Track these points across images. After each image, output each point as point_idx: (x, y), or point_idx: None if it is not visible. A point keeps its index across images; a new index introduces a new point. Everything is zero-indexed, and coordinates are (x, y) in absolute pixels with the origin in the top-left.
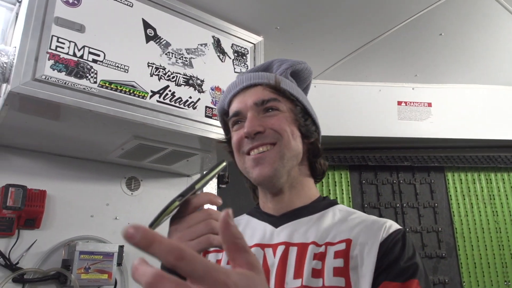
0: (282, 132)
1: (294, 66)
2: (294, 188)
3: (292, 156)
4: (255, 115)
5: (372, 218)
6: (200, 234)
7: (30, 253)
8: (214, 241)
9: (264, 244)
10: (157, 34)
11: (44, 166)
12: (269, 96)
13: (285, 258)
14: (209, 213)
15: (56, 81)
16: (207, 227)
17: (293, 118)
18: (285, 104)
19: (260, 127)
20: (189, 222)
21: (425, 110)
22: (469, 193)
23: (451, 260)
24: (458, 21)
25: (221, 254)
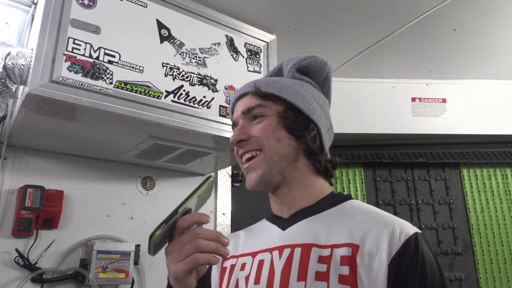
0: (264, 139)
1: (298, 63)
2: (297, 188)
3: (279, 159)
4: (245, 124)
5: (380, 219)
6: (188, 254)
7: (49, 253)
8: (199, 260)
9: (272, 247)
10: (171, 34)
11: (61, 166)
12: (254, 103)
13: (290, 260)
14: (197, 232)
15: (73, 83)
16: (193, 247)
17: (279, 121)
18: (271, 107)
19: (244, 135)
20: (179, 244)
21: (440, 106)
22: (485, 189)
23: (467, 256)
24: (473, 16)
25: (237, 260)
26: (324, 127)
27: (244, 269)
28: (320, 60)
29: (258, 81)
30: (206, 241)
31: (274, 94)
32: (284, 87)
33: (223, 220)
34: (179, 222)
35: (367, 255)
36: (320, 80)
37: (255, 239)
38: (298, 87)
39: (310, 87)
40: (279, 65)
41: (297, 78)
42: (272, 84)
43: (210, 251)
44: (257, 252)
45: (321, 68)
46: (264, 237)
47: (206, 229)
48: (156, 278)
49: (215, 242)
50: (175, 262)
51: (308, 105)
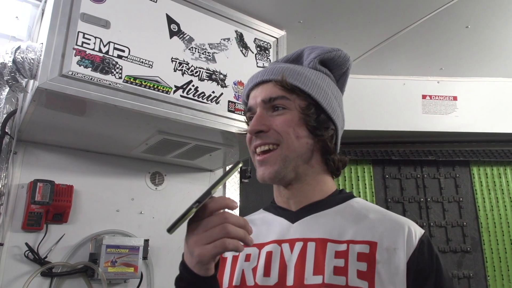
0: (284, 135)
1: (323, 55)
2: (308, 184)
3: (295, 156)
4: (263, 113)
5: (392, 218)
6: (216, 238)
7: (58, 247)
8: (229, 245)
9: (281, 240)
10: (181, 29)
11: (71, 161)
12: (277, 93)
13: (303, 253)
14: (225, 217)
15: (82, 77)
16: (223, 231)
17: (301, 117)
18: (295, 101)
19: (264, 126)
20: (205, 226)
21: (450, 104)
22: (495, 187)
23: (476, 254)
24: (485, 14)
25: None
26: (340, 126)
27: (250, 260)
28: (344, 55)
29: (283, 69)
30: (235, 227)
31: (300, 88)
32: (309, 80)
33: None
34: (210, 203)
35: (386, 251)
36: (338, 74)
37: (260, 231)
38: (321, 81)
39: (330, 82)
40: (300, 51)
41: (318, 70)
42: (297, 76)
43: (238, 237)
44: (264, 243)
45: (343, 63)
46: (271, 229)
47: (235, 214)
48: (164, 273)
49: (242, 229)
50: (202, 245)
51: (330, 103)
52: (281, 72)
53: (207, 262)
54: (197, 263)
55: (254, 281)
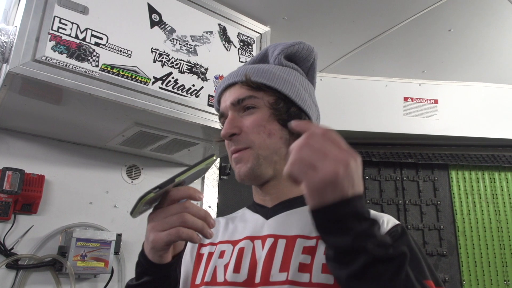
0: (254, 136)
1: (286, 50)
2: (285, 180)
3: (270, 153)
4: (234, 115)
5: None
6: (171, 226)
7: (26, 238)
8: (183, 234)
9: (253, 236)
10: (162, 20)
11: (43, 150)
12: (245, 94)
13: (272, 250)
14: (185, 206)
15: (56, 63)
16: (179, 220)
17: (271, 113)
18: (263, 98)
19: (236, 129)
20: (165, 213)
21: (431, 107)
22: (472, 191)
23: (451, 258)
24: (468, 17)
25: (215, 247)
26: (314, 116)
27: (223, 256)
28: (308, 47)
29: (247, 70)
30: (194, 217)
31: (266, 84)
32: (275, 76)
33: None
34: (172, 191)
35: None
36: (306, 67)
37: (236, 227)
38: (287, 75)
39: (298, 75)
40: (264, 51)
41: (284, 65)
42: (262, 73)
43: (195, 228)
44: (238, 240)
45: (308, 55)
46: (246, 226)
47: (196, 205)
48: None
49: (202, 220)
50: (157, 231)
51: (299, 95)
52: (245, 73)
53: (160, 248)
54: (151, 249)
55: (224, 277)
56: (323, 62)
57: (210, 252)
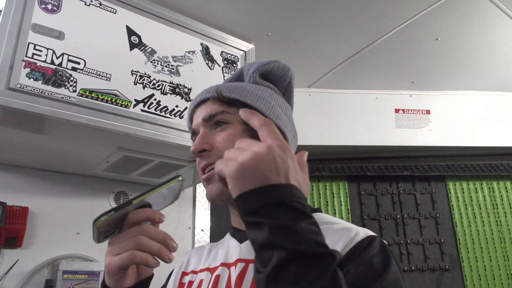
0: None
1: (261, 68)
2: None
3: None
4: (206, 132)
5: (342, 226)
6: (126, 249)
7: (12, 273)
8: (136, 258)
9: (228, 262)
10: (142, 41)
11: (26, 181)
12: (217, 109)
13: (242, 276)
14: (142, 229)
15: (32, 90)
16: (134, 243)
17: (244, 129)
18: (236, 114)
19: (206, 145)
20: (123, 237)
21: (424, 118)
22: (472, 202)
23: (454, 272)
24: (455, 25)
25: (196, 276)
26: (290, 134)
27: (202, 285)
28: (283, 66)
29: (219, 86)
30: (150, 240)
31: (238, 100)
32: (248, 92)
33: (202, 237)
34: (130, 214)
35: None
36: (282, 87)
37: (216, 254)
38: (262, 92)
39: (273, 94)
40: (240, 70)
41: (259, 84)
42: (234, 89)
43: (151, 251)
44: (215, 267)
45: (283, 74)
46: (224, 252)
47: (154, 228)
48: None
49: (159, 243)
50: (112, 255)
51: (273, 111)
52: (216, 88)
53: (114, 273)
54: (106, 273)
55: None
56: (310, 77)
57: (190, 281)
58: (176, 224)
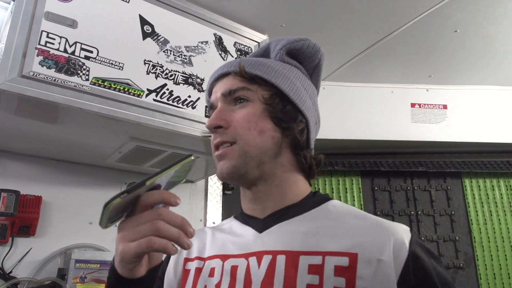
0: (243, 131)
1: (289, 45)
2: (277, 186)
3: (259, 153)
4: (224, 107)
5: (374, 222)
6: (143, 235)
7: (25, 261)
8: (155, 245)
9: (247, 253)
10: (155, 31)
11: (40, 171)
12: (238, 85)
13: (272, 269)
14: (159, 213)
15: (44, 78)
16: (151, 228)
17: (264, 109)
18: (257, 91)
19: (222, 121)
20: (136, 222)
21: (440, 113)
22: (488, 200)
23: (469, 270)
24: (475, 17)
25: (203, 263)
26: (312, 120)
27: (214, 275)
28: (313, 45)
29: (242, 60)
30: (168, 225)
31: (261, 77)
32: (272, 69)
33: None
34: (144, 196)
35: (369, 264)
36: (310, 67)
37: (225, 241)
38: (287, 71)
39: (300, 74)
40: (266, 45)
41: (285, 62)
42: (258, 66)
43: (170, 237)
44: (229, 256)
45: (313, 54)
46: (236, 240)
47: (171, 212)
48: None
49: (178, 229)
50: (126, 241)
51: (297, 93)
52: (239, 63)
53: (129, 261)
54: (119, 261)
55: None
56: (324, 69)
57: (198, 268)
58: (188, 216)
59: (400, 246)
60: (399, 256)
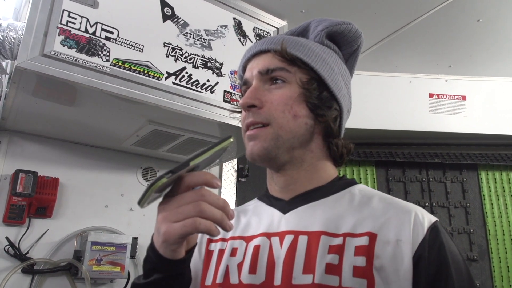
0: (277, 114)
1: (331, 28)
2: (305, 171)
3: (290, 137)
4: (259, 86)
5: (398, 205)
6: (187, 216)
7: (41, 243)
8: (200, 226)
9: (270, 232)
10: (175, 13)
11: (57, 153)
12: (276, 64)
13: (293, 248)
14: (202, 194)
15: (66, 58)
16: (195, 210)
17: (301, 93)
18: (296, 74)
19: (257, 101)
20: (178, 202)
21: (459, 104)
22: (504, 193)
23: (483, 263)
24: (498, 6)
25: (226, 244)
26: (346, 108)
27: (236, 255)
28: (356, 30)
29: (285, 39)
30: (212, 206)
31: (301, 59)
32: (313, 52)
33: None
34: (187, 177)
35: (387, 244)
36: (347, 53)
37: (249, 222)
38: (327, 55)
39: (337, 59)
40: (307, 24)
41: (324, 44)
42: (299, 46)
43: (214, 219)
44: (252, 236)
45: (353, 39)
46: (260, 220)
47: (213, 193)
48: None
49: (220, 210)
50: (170, 222)
51: (335, 80)
52: (281, 41)
53: (173, 242)
54: (162, 242)
55: (239, 278)
56: None
57: (221, 249)
58: None
59: (419, 225)
60: (417, 233)
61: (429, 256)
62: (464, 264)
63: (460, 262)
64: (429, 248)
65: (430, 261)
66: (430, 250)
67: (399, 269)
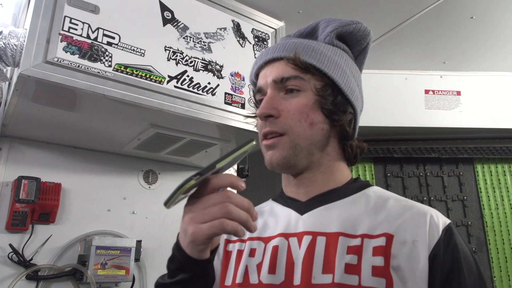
0: (294, 123)
1: (341, 29)
2: (322, 173)
3: (308, 144)
4: (274, 94)
5: (414, 207)
6: (214, 217)
7: (45, 248)
8: (227, 227)
9: (288, 233)
10: (175, 17)
11: (59, 158)
12: (290, 73)
13: (312, 249)
14: (228, 196)
15: (69, 64)
16: (222, 211)
17: (316, 100)
18: (310, 81)
19: (274, 110)
20: (205, 203)
21: (454, 99)
22: (500, 185)
23: (481, 255)
24: (491, 3)
25: (244, 244)
26: (359, 110)
27: (255, 255)
28: (364, 28)
29: (298, 46)
30: (237, 208)
31: (315, 66)
32: (326, 58)
33: None
34: (213, 179)
35: (404, 245)
36: (357, 50)
37: (266, 223)
38: (339, 59)
39: (348, 59)
40: (315, 24)
41: (334, 45)
42: (312, 53)
43: (240, 220)
44: (270, 237)
45: (363, 37)
46: (278, 221)
47: (238, 195)
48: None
49: (246, 212)
50: (197, 223)
51: (348, 83)
52: (294, 48)
53: (200, 242)
54: (189, 242)
55: (259, 279)
56: None
57: (239, 249)
58: None
59: (434, 226)
60: (433, 234)
61: (443, 256)
62: (475, 263)
63: (472, 262)
64: (444, 249)
65: (444, 260)
66: (445, 250)
67: (416, 268)
